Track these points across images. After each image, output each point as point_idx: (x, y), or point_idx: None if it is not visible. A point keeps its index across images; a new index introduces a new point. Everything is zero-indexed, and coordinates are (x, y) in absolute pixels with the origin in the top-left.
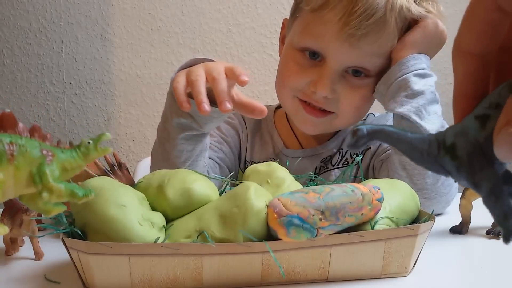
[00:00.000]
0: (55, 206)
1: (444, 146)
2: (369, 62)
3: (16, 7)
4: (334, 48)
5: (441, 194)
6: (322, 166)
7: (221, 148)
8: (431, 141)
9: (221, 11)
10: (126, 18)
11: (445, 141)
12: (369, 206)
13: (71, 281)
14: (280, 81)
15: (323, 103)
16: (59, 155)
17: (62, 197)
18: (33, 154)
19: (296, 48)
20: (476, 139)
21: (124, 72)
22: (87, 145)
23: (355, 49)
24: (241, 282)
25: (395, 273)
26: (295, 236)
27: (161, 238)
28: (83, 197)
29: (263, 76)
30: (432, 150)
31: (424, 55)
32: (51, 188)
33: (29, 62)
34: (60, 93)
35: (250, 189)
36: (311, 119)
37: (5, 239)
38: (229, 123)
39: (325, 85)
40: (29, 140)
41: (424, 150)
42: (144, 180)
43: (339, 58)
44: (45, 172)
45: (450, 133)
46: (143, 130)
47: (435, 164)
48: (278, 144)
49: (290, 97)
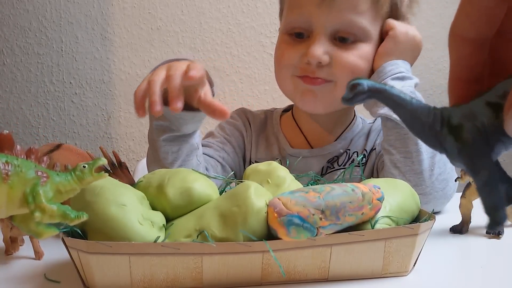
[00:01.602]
0: (46, 229)
1: (448, 125)
2: (351, 23)
3: (16, 6)
4: (315, 15)
5: (436, 190)
6: (328, 166)
7: (224, 148)
8: (436, 115)
9: (221, 10)
10: (126, 18)
11: (450, 119)
12: (369, 205)
13: (71, 280)
14: (276, 65)
15: (319, 71)
16: (54, 177)
17: (54, 218)
18: (27, 174)
19: (284, 33)
20: (484, 126)
21: (124, 72)
22: (82, 169)
23: (334, 11)
24: (241, 281)
25: (395, 272)
26: (295, 235)
27: (161, 238)
28: (75, 219)
29: (263, 75)
30: (435, 125)
31: (401, 60)
32: (43, 208)
33: (29, 62)
34: (60, 92)
35: (250, 189)
36: (311, 89)
37: (5, 238)
38: (233, 124)
39: (315, 50)
40: (24, 161)
41: (426, 122)
42: (144, 179)
43: (322, 24)
44: (39, 192)
45: (457, 113)
46: (143, 129)
47: (434, 139)
48: (284, 145)
49: (289, 78)
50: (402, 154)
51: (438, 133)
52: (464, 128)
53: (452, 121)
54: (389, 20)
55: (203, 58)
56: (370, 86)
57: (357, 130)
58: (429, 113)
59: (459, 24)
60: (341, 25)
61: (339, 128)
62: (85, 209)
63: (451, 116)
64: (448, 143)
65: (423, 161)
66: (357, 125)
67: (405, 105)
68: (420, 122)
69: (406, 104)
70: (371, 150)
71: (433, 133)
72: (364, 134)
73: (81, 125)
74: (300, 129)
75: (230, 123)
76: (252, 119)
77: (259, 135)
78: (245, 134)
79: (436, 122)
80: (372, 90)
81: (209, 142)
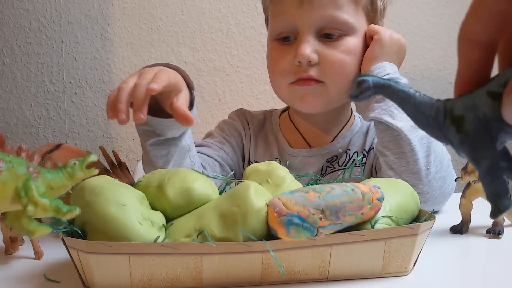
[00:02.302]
0: (38, 227)
1: (451, 116)
2: (333, 19)
3: (16, 6)
4: (297, 16)
5: (434, 188)
6: (328, 166)
7: (223, 148)
8: (439, 108)
9: (221, 10)
10: (126, 18)
11: (452, 111)
12: (369, 205)
13: (71, 280)
14: (270, 73)
15: (310, 70)
16: (45, 173)
17: (47, 212)
18: (19, 170)
19: (272, 40)
20: (485, 116)
21: (124, 72)
22: (73, 165)
23: (315, 8)
24: (241, 281)
25: (395, 272)
26: (295, 235)
27: (161, 238)
28: (67, 213)
29: (263, 75)
30: (438, 118)
31: (388, 63)
32: (36, 202)
33: (29, 61)
34: (60, 92)
35: (250, 188)
36: (306, 91)
37: (5, 238)
38: (231, 124)
39: (303, 49)
40: (15, 158)
41: (430, 116)
42: (144, 179)
43: (305, 23)
44: (31, 186)
45: (459, 104)
46: None
47: (438, 131)
48: (283, 145)
49: (285, 85)
50: (397, 155)
51: (441, 125)
52: (465, 119)
53: (454, 112)
54: (372, 25)
55: (203, 58)
56: (375, 82)
57: (356, 129)
58: (432, 106)
59: (469, 27)
60: (324, 22)
61: (337, 127)
62: (85, 209)
63: (453, 107)
64: (450, 134)
65: (418, 161)
66: (356, 124)
67: (410, 99)
68: (424, 115)
69: (411, 98)
70: (369, 149)
71: (437, 125)
72: (362, 133)
73: (81, 125)
74: (298, 129)
75: (228, 123)
76: (251, 120)
77: (257, 135)
78: (244, 135)
79: (439, 114)
80: (378, 86)
81: (208, 142)
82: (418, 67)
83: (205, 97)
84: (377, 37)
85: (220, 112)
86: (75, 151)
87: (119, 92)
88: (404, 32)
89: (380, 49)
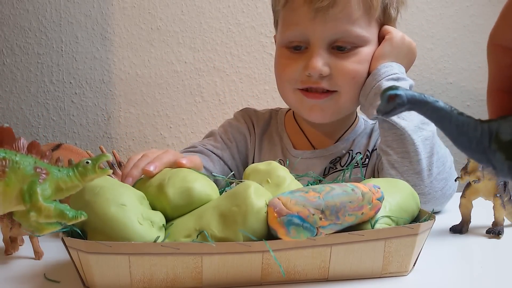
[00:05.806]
0: (47, 225)
1: (497, 140)
2: (347, 33)
3: (16, 6)
4: (311, 29)
5: (435, 189)
6: (331, 167)
7: (222, 157)
8: (483, 130)
9: (221, 10)
10: (126, 18)
11: (499, 134)
12: (369, 205)
13: (71, 280)
14: (278, 80)
15: (321, 82)
16: (54, 173)
17: (51, 217)
18: (26, 171)
19: (282, 46)
20: None
21: (124, 72)
22: (85, 165)
23: (328, 21)
24: (241, 281)
25: (395, 272)
26: (295, 235)
27: (161, 237)
28: (73, 219)
29: (263, 75)
30: (484, 141)
31: (395, 63)
32: (39, 207)
33: (29, 61)
34: (60, 92)
35: (250, 188)
36: (316, 104)
37: (5, 238)
38: (237, 127)
39: (315, 62)
40: (24, 157)
41: (474, 138)
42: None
43: (318, 35)
44: (36, 191)
45: (506, 129)
46: (143, 129)
47: (482, 155)
48: (287, 145)
49: (291, 91)
50: (400, 155)
51: (486, 148)
52: None
53: (501, 136)
54: (386, 26)
55: (203, 58)
56: (410, 97)
57: (360, 131)
58: (476, 127)
59: (500, 33)
60: (337, 36)
61: (341, 130)
62: (85, 209)
63: (499, 130)
64: (497, 160)
65: (421, 161)
66: (359, 126)
67: (451, 119)
68: (468, 137)
69: (452, 117)
70: (373, 150)
71: (481, 148)
72: (366, 134)
73: (81, 125)
74: (302, 130)
75: (234, 126)
76: (256, 120)
77: (262, 136)
78: (249, 138)
79: (484, 137)
80: (413, 101)
81: (207, 149)
82: (418, 67)
83: (205, 97)
84: (389, 37)
85: (220, 112)
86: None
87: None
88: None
89: (390, 48)
